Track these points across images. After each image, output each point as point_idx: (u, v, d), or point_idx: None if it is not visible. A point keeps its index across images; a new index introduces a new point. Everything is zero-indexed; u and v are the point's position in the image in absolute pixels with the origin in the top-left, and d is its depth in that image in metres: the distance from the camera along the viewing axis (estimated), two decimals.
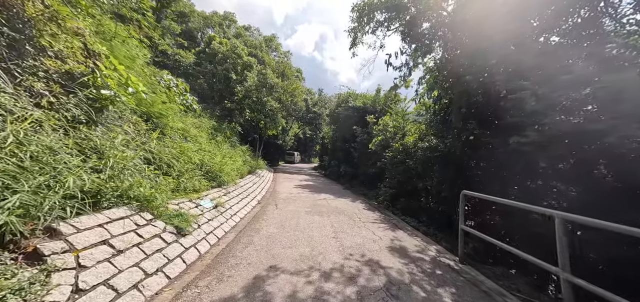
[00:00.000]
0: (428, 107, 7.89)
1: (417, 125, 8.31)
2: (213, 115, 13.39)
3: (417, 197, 7.18)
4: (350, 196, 11.06)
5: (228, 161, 8.99)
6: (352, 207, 8.16)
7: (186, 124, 8.10)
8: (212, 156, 7.74)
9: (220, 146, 10.39)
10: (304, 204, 8.14)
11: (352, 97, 16.05)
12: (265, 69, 16.16)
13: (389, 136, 9.82)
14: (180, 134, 7.58)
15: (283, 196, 9.52)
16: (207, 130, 11.07)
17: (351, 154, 14.99)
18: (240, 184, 8.82)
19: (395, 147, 8.69)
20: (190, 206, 4.43)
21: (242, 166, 10.79)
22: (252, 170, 13.16)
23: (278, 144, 31.17)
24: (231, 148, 11.46)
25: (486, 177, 5.10)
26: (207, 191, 5.94)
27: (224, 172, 7.43)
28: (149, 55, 10.59)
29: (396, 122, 9.49)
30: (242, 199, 7.02)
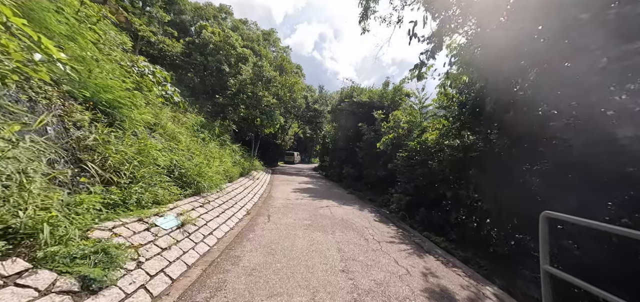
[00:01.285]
0: (451, 97, 6.51)
1: (438, 119, 6.96)
2: (202, 111, 12.03)
3: (442, 207, 5.80)
4: (356, 202, 9.68)
5: (213, 162, 7.62)
6: (361, 219, 6.78)
7: (161, 118, 6.73)
8: (191, 157, 6.36)
9: (206, 145, 9.02)
10: (302, 214, 6.76)
11: (357, 92, 14.67)
12: (261, 60, 14.80)
13: (401, 134, 8.46)
14: (156, 131, 6.23)
15: (279, 203, 8.14)
16: (193, 127, 9.71)
17: (355, 154, 13.61)
18: (228, 189, 7.45)
19: (411, 146, 7.32)
20: (137, 230, 3.05)
21: (231, 167, 9.42)
22: (246, 172, 11.79)
23: (277, 144, 29.82)
24: (220, 147, 10.09)
25: (548, 188, 3.72)
26: (175, 202, 4.56)
27: (204, 177, 6.05)
28: (130, 44, 9.25)
29: (411, 117, 8.14)
30: (226, 211, 5.64)
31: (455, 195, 5.20)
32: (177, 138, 7.16)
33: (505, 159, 4.25)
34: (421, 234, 5.56)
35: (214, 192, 6.38)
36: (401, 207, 7.15)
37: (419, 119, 7.93)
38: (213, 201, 5.74)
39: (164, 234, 3.30)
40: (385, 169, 10.22)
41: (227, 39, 14.57)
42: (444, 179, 5.65)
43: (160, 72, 8.26)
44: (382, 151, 10.38)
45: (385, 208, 8.57)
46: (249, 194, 8.51)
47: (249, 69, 14.63)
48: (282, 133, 30.13)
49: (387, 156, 10.66)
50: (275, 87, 15.83)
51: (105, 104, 4.49)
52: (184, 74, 15.21)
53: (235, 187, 8.35)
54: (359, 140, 13.07)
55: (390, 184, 10.32)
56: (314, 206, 8.07)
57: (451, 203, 5.47)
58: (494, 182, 4.33)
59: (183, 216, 4.03)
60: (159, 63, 12.92)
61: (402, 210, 6.92)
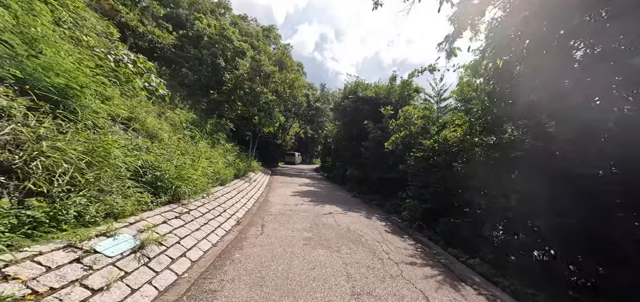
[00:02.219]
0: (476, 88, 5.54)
1: (460, 115, 5.99)
2: (194, 108, 11.13)
3: (469, 218, 4.81)
4: (362, 207, 8.71)
5: (201, 163, 6.68)
6: (370, 229, 5.82)
7: (139, 112, 5.81)
8: (172, 157, 5.43)
9: (196, 144, 8.09)
10: (302, 223, 5.81)
11: (361, 88, 13.70)
12: (260, 54, 13.87)
13: (414, 131, 7.50)
14: (133, 127, 5.30)
15: (276, 209, 7.20)
16: (181, 124, 8.79)
17: (360, 154, 12.64)
18: (217, 194, 6.51)
19: (427, 145, 6.35)
20: (57, 264, 2.10)
21: (224, 169, 8.48)
22: (241, 173, 10.86)
23: (277, 144, 28.91)
24: (211, 147, 9.17)
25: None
26: (141, 213, 3.62)
27: (186, 180, 5.12)
28: (117, 34, 8.35)
29: (426, 112, 7.18)
30: (210, 221, 4.69)
31: (490, 204, 4.21)
32: (158, 136, 6.24)
33: (564, 160, 3.26)
34: (445, 251, 4.58)
35: (198, 199, 5.44)
36: (416, 215, 6.18)
37: (436, 115, 6.97)
38: (195, 210, 4.80)
39: (105, 264, 2.35)
40: (395, 171, 9.25)
41: (223, 31, 13.65)
42: (472, 184, 4.67)
43: (144, 63, 7.35)
44: (390, 150, 9.42)
45: (396, 215, 7.59)
46: (242, 198, 7.57)
47: (247, 64, 13.71)
48: (283, 133, 29.22)
49: (396, 157, 9.68)
50: (275, 83, 14.90)
51: (54, 91, 3.56)
52: (178, 69, 14.32)
53: (227, 191, 7.41)
54: (364, 139, 12.10)
55: (400, 188, 9.35)
56: (316, 212, 7.11)
57: (483, 213, 4.48)
58: (554, 191, 3.34)
59: (145, 233, 3.08)
60: (149, 56, 12.04)
61: (417, 219, 5.94)
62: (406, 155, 9.11)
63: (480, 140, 4.60)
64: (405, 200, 7.64)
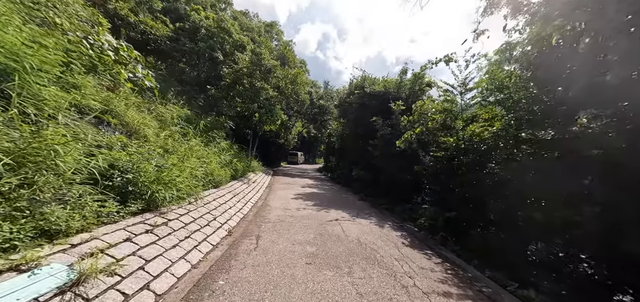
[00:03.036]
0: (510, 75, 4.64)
1: (489, 108, 5.09)
2: (189, 104, 10.36)
3: (515, 234, 3.85)
4: (371, 212, 7.84)
5: (189, 163, 5.87)
6: (385, 241, 4.95)
7: (115, 104, 5.00)
8: (151, 156, 4.62)
9: (187, 142, 7.30)
10: (304, 233, 4.97)
11: (369, 82, 12.80)
12: (260, 47, 13.07)
13: (432, 127, 6.61)
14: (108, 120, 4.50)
15: (275, 214, 6.36)
16: (173, 119, 8.00)
17: (367, 154, 11.76)
18: (208, 199, 5.70)
19: (450, 143, 5.44)
20: None
21: (219, 169, 7.67)
22: (240, 174, 10.06)
23: (279, 144, 28.13)
24: (205, 146, 8.37)
25: None
26: (97, 229, 2.80)
27: (165, 183, 4.30)
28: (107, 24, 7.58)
29: (448, 105, 6.26)
30: (192, 234, 3.86)
31: (544, 217, 3.29)
32: (140, 132, 5.44)
33: None
34: (484, 275, 3.68)
35: (183, 205, 4.63)
36: (437, 224, 5.28)
37: (460, 107, 6.06)
38: (176, 220, 3.97)
39: None
40: (408, 172, 8.35)
41: (221, 23, 12.86)
42: (514, 190, 3.75)
43: (129, 51, 6.56)
44: (401, 150, 8.52)
45: (411, 223, 6.70)
46: (237, 203, 6.75)
47: (246, 58, 12.90)
48: (285, 132, 28.41)
49: (408, 156, 8.78)
50: (276, 79, 14.08)
51: None
52: (175, 64, 13.59)
53: (221, 195, 6.60)
54: (372, 137, 11.21)
55: (413, 191, 8.46)
56: (320, 219, 6.26)
57: (531, 228, 3.55)
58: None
59: (90, 260, 2.25)
60: (142, 49, 11.31)
61: (439, 229, 5.05)
62: (421, 154, 8.22)
63: (529, 136, 3.68)
64: (422, 205, 6.75)
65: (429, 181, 6.30)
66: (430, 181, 6.19)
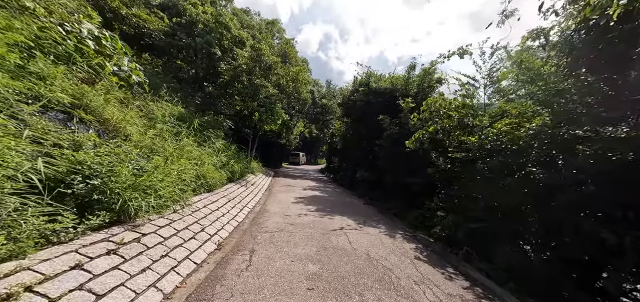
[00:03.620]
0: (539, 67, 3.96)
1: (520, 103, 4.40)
2: (184, 101, 9.77)
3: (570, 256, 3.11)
4: (379, 220, 7.17)
5: (177, 164, 5.25)
6: (400, 258, 4.28)
7: (89, 98, 4.38)
8: (124, 158, 3.99)
9: (178, 142, 6.69)
10: (305, 246, 4.32)
11: (374, 79, 12.13)
12: (260, 43, 12.46)
13: (447, 125, 5.92)
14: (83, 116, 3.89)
15: (273, 222, 5.72)
16: (164, 117, 7.40)
17: (373, 154, 11.11)
18: (197, 205, 5.07)
19: (472, 143, 4.74)
20: None
21: (213, 171, 7.05)
22: (237, 176, 9.45)
23: (281, 144, 27.53)
24: (199, 146, 7.75)
25: None
26: (31, 255, 2.17)
27: (143, 189, 3.67)
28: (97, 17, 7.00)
29: (467, 100, 5.56)
30: (169, 253, 3.22)
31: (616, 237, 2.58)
32: (121, 130, 4.83)
33: None
34: None
35: (166, 214, 4.00)
36: (458, 236, 4.60)
37: (484, 102, 5.36)
38: (152, 234, 3.34)
39: None
40: (419, 175, 7.67)
41: (219, 17, 12.27)
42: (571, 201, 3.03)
43: (113, 41, 5.97)
44: (411, 150, 7.84)
45: (424, 232, 6.02)
46: (232, 209, 6.12)
47: (245, 54, 12.30)
48: (287, 132, 27.81)
49: (418, 157, 8.10)
50: (277, 76, 13.46)
51: None
52: (172, 61, 13.02)
53: (214, 200, 5.98)
54: (377, 137, 10.54)
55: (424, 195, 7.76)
56: (323, 227, 5.61)
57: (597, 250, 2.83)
58: None
59: None
60: (137, 45, 10.77)
61: (461, 242, 4.37)
62: (433, 155, 7.54)
63: (587, 133, 2.95)
64: (436, 212, 6.08)
65: (445, 185, 5.64)
66: (447, 186, 5.52)
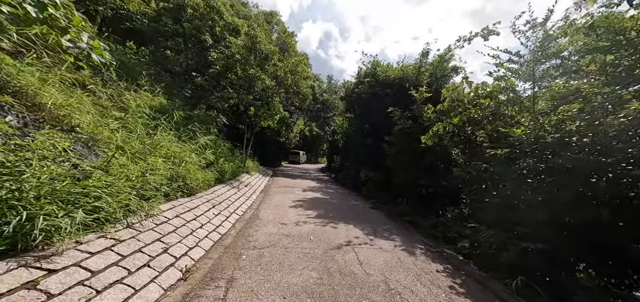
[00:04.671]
0: (624, 29, 2.85)
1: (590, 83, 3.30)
2: (169, 93, 8.68)
3: None
4: (392, 228, 6.07)
5: (139, 165, 4.16)
6: (428, 287, 3.19)
7: (17, 75, 3.30)
8: (51, 154, 2.90)
9: (152, 137, 5.60)
10: (303, 270, 3.22)
11: (382, 69, 10.99)
12: (254, 30, 11.36)
13: (476, 117, 4.81)
14: None
15: (265, 233, 4.63)
16: (138, 108, 6.31)
17: (379, 152, 10.00)
18: (166, 215, 3.98)
19: (520, 137, 3.59)
20: None
21: (196, 172, 5.97)
22: (228, 176, 8.37)
23: (281, 142, 26.48)
24: (181, 141, 6.65)
25: None
26: None
27: (71, 201, 2.58)
28: None
29: (507, 83, 4.45)
30: (94, 297, 2.13)
31: None
32: (62, 118, 3.75)
33: None
34: None
35: (109, 232, 2.90)
36: (509, 260, 3.49)
37: (533, 85, 4.22)
38: (73, 267, 2.25)
39: None
40: (436, 176, 6.58)
41: (210, 1, 11.15)
42: None
43: (68, 11, 4.87)
44: (426, 147, 6.73)
45: (449, 245, 4.91)
46: (215, 217, 5.03)
47: (239, 42, 11.19)
48: (286, 130, 26.74)
49: (437, 155, 7.00)
50: (274, 67, 12.35)
51: None
52: (160, 50, 11.93)
53: (192, 207, 4.89)
54: (386, 132, 9.44)
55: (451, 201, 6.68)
56: (326, 240, 4.52)
57: None
58: None
59: None
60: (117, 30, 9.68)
61: (516, 269, 3.27)
62: (454, 152, 6.44)
63: None
64: (465, 222, 4.97)
65: (474, 188, 4.56)
66: (478, 189, 4.44)
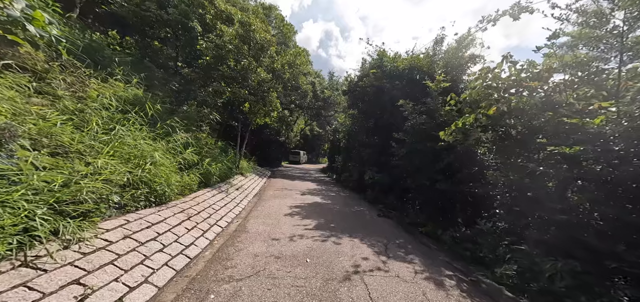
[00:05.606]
0: None
1: None
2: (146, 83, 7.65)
3: None
4: (406, 243, 4.98)
5: (64, 170, 3.11)
6: None
7: None
8: None
9: (112, 132, 4.56)
10: None
11: (389, 59, 9.89)
12: (249, 17, 10.32)
13: (524, 106, 3.71)
14: None
15: (250, 253, 3.55)
16: (98, 98, 5.26)
17: (386, 151, 8.92)
18: (107, 237, 2.93)
19: (601, 126, 2.54)
20: None
21: (168, 174, 4.91)
22: (215, 179, 7.33)
23: (280, 142, 25.48)
24: (157, 138, 5.60)
25: None
26: None
27: None
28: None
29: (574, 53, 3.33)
30: None
31: None
32: None
33: None
34: None
35: None
36: (575, 295, 2.41)
37: (620, 52, 3.14)
38: None
39: None
40: (457, 180, 5.50)
41: None
42: None
43: None
44: (445, 145, 5.66)
45: (481, 268, 3.84)
46: (186, 234, 3.97)
47: (231, 31, 10.14)
48: (286, 129, 25.71)
49: (458, 155, 5.92)
50: (270, 59, 11.31)
51: None
52: (145, 40, 10.93)
53: (154, 222, 3.83)
54: (394, 129, 8.36)
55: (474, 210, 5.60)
56: (327, 264, 3.44)
57: None
58: None
59: None
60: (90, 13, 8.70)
61: None
62: (479, 152, 5.36)
63: None
64: (502, 240, 3.89)
65: (518, 198, 3.49)
66: (523, 200, 3.37)
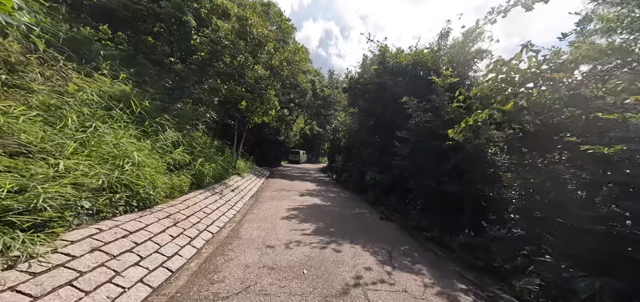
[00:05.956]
0: None
1: None
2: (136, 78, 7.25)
3: None
4: (412, 250, 4.58)
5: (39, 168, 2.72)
6: None
7: None
8: None
9: (91, 130, 4.17)
10: None
11: (391, 55, 9.49)
12: (245, 11, 9.92)
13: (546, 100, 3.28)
14: None
15: (241, 264, 3.15)
16: (76, 93, 4.86)
17: (388, 151, 8.53)
18: (68, 254, 2.53)
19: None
20: None
21: (154, 175, 4.52)
22: (208, 180, 6.94)
23: (280, 141, 25.07)
24: (143, 135, 5.21)
25: None
26: None
27: None
28: None
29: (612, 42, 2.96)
30: None
31: None
32: None
33: None
34: None
35: None
36: None
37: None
38: None
39: None
40: (465, 182, 5.10)
41: None
42: None
43: None
44: (453, 144, 5.26)
45: (496, 279, 3.44)
46: (170, 242, 3.58)
47: (227, 26, 9.75)
48: (286, 128, 25.30)
49: (466, 155, 5.51)
50: (268, 55, 10.90)
51: None
52: (138, 36, 10.52)
53: (133, 230, 3.44)
54: (396, 128, 7.96)
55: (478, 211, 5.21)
56: (326, 276, 3.04)
57: None
58: None
59: None
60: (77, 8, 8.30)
61: None
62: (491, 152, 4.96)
63: None
64: (519, 249, 3.50)
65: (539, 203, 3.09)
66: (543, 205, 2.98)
